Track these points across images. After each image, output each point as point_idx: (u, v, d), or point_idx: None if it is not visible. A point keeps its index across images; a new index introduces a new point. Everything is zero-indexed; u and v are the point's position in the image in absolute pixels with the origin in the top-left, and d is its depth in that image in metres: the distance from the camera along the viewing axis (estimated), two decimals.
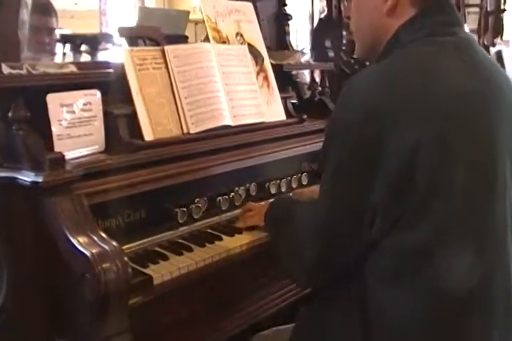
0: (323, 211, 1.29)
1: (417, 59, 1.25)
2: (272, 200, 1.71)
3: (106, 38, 2.38)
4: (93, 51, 2.24)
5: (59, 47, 2.50)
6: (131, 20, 9.55)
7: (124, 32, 1.94)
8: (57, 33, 2.72)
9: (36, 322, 1.35)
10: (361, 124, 1.18)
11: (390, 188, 1.17)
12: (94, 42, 2.23)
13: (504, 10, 4.55)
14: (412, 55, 1.26)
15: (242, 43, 2.13)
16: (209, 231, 1.69)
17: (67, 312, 1.30)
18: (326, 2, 2.85)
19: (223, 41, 2.07)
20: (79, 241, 1.24)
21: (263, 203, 1.75)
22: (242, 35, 2.16)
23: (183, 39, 2.35)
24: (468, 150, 1.20)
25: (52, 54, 2.60)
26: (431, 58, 1.25)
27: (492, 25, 4.41)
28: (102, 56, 2.32)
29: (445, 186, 1.18)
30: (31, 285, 1.35)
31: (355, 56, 2.91)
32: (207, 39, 2.07)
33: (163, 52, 1.81)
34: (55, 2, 2.81)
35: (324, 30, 2.71)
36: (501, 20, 4.56)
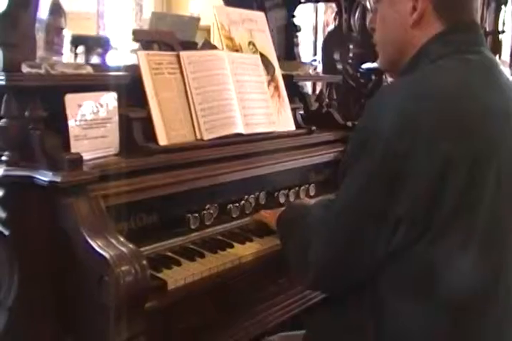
0: (341, 220, 1.28)
1: (451, 77, 1.26)
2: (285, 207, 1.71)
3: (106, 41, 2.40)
4: (103, 53, 2.25)
5: (68, 48, 2.49)
6: (128, 24, 9.62)
7: (139, 35, 1.93)
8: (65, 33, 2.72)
9: (47, 324, 1.33)
10: (394, 136, 1.17)
11: (417, 202, 1.17)
12: (105, 44, 2.24)
13: (503, 31, 4.61)
14: (445, 72, 1.27)
15: (254, 52, 2.14)
16: (220, 238, 1.69)
17: (80, 314, 1.29)
18: (334, 15, 2.87)
19: (236, 49, 2.08)
20: (97, 243, 1.23)
21: (278, 209, 1.74)
22: (254, 44, 2.16)
23: (193, 45, 2.35)
24: (498, 170, 1.21)
25: (60, 53, 2.59)
26: (463, 77, 1.26)
27: (490, 46, 4.46)
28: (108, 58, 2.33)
29: (473, 204, 1.18)
30: (44, 286, 1.34)
31: (361, 69, 2.94)
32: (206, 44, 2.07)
33: (178, 57, 1.81)
34: None
35: (333, 43, 2.73)
36: (499, 41, 4.62)
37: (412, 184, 1.16)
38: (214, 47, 2.09)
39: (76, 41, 2.40)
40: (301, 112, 2.29)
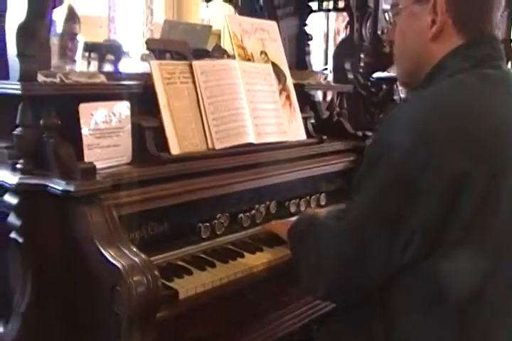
0: (353, 232, 1.29)
1: (468, 91, 1.26)
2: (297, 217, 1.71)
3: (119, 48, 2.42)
4: (116, 61, 2.27)
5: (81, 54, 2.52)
6: (139, 28, 9.66)
7: (152, 44, 1.95)
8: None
9: (60, 331, 1.35)
10: (411, 148, 1.17)
11: (431, 216, 1.17)
12: (118, 51, 2.26)
13: None
14: (463, 87, 1.27)
15: (266, 61, 2.15)
16: (231, 247, 1.69)
17: (93, 322, 1.30)
18: (345, 24, 2.88)
19: (248, 59, 2.09)
20: (110, 253, 1.24)
21: (290, 220, 1.75)
22: (266, 54, 2.18)
23: (205, 53, 2.37)
24: None
25: (73, 58, 2.62)
26: (481, 92, 1.26)
27: None
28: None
29: (487, 220, 1.18)
30: (56, 294, 1.36)
31: (372, 78, 2.94)
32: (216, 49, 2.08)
33: (190, 66, 1.82)
34: None
35: (344, 52, 2.74)
36: (511, 49, 4.61)
37: (427, 198, 1.16)
38: (224, 52, 2.11)
39: (89, 48, 2.42)
40: (312, 121, 2.30)
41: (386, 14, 2.68)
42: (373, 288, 1.30)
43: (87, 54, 2.30)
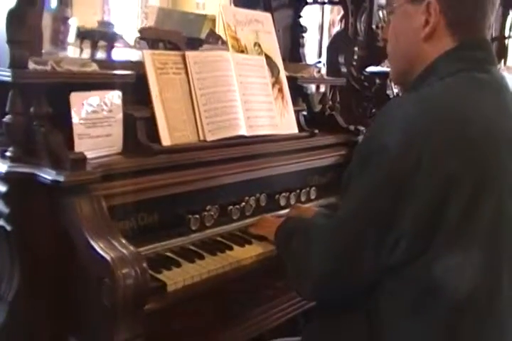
0: (342, 230, 1.28)
1: (459, 94, 1.25)
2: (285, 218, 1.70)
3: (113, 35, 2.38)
4: (109, 48, 2.24)
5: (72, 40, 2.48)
6: (134, 11, 9.56)
7: (146, 33, 1.94)
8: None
9: (48, 321, 1.34)
10: (401, 150, 1.17)
11: (419, 218, 1.17)
12: (111, 38, 2.23)
13: (509, 36, 4.61)
14: (454, 90, 1.26)
15: (259, 53, 2.14)
16: (220, 239, 1.69)
17: (80, 314, 1.29)
18: (340, 17, 2.87)
19: (241, 50, 2.08)
20: (99, 245, 1.24)
21: (279, 219, 1.74)
22: (259, 46, 2.16)
23: (199, 42, 2.35)
24: (500, 192, 1.21)
25: (65, 43, 2.58)
26: (472, 95, 1.25)
27: (496, 51, 4.46)
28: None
29: (474, 223, 1.18)
30: (44, 283, 1.35)
31: (365, 72, 2.94)
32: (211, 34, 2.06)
33: (183, 57, 1.81)
34: None
35: (338, 46, 2.74)
36: (505, 46, 4.62)
37: (416, 200, 1.16)
38: (219, 38, 2.09)
39: (82, 35, 2.39)
40: (305, 113, 2.29)
41: (380, 12, 2.68)
42: (361, 288, 1.30)
43: (80, 41, 2.27)
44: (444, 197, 1.15)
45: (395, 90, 2.95)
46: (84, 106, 1.52)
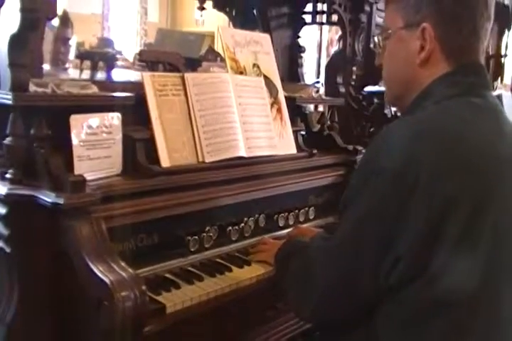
0: (340, 252, 1.30)
1: (455, 117, 1.27)
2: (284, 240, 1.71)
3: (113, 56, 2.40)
4: (109, 69, 2.25)
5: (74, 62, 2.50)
6: (133, 28, 9.66)
7: (145, 55, 1.95)
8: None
9: None
10: (398, 171, 1.19)
11: (417, 240, 1.18)
12: (111, 59, 2.25)
13: (505, 55, 4.66)
14: (449, 113, 1.28)
15: (258, 75, 2.16)
16: (219, 261, 1.70)
17: (79, 336, 1.29)
18: (339, 36, 2.90)
19: (240, 71, 2.10)
20: (98, 268, 1.24)
21: (278, 241, 1.75)
22: (258, 67, 2.18)
23: (198, 63, 2.37)
24: (498, 212, 1.22)
25: (65, 63, 2.60)
26: (467, 117, 1.27)
27: (492, 69, 4.51)
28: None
29: (473, 244, 1.19)
30: (43, 305, 1.35)
31: (363, 92, 2.96)
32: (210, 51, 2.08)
33: (183, 79, 1.83)
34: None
35: (336, 66, 2.76)
36: (501, 64, 4.67)
37: (414, 221, 1.17)
38: (218, 55, 2.10)
39: (82, 56, 2.41)
40: (303, 133, 2.30)
41: (377, 37, 2.70)
42: (360, 309, 1.30)
43: (79, 62, 2.28)
44: (442, 217, 1.16)
45: (393, 109, 2.97)
46: (83, 128, 1.53)
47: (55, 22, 2.54)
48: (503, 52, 4.68)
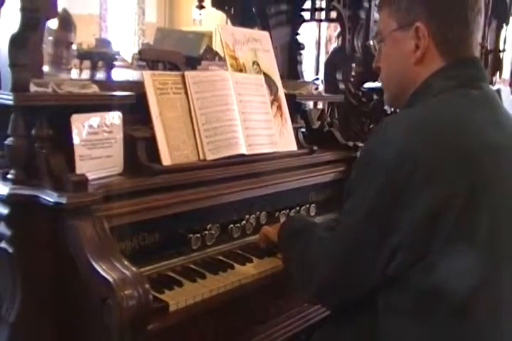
0: (341, 241, 1.32)
1: (453, 109, 1.29)
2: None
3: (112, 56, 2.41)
4: (109, 68, 2.26)
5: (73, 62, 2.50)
6: (131, 28, 9.66)
7: (145, 54, 1.96)
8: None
9: None
10: (397, 161, 1.21)
11: (415, 230, 1.20)
12: (110, 59, 2.25)
13: (504, 50, 4.66)
14: (447, 105, 1.30)
15: (258, 72, 2.16)
16: (221, 258, 1.70)
17: (83, 335, 1.30)
18: (337, 33, 2.90)
19: (240, 69, 2.10)
20: (101, 266, 1.24)
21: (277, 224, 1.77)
22: (258, 64, 2.18)
23: (197, 61, 2.37)
24: (495, 204, 1.23)
25: (68, 67, 2.60)
26: (465, 109, 1.29)
27: (491, 64, 4.51)
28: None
29: (470, 232, 1.21)
30: (46, 304, 1.36)
31: (363, 88, 2.96)
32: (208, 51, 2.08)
33: (183, 77, 1.83)
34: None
35: (336, 63, 2.76)
36: (500, 59, 4.67)
37: (411, 213, 1.19)
38: (216, 54, 2.11)
39: (81, 56, 2.41)
40: (303, 130, 2.31)
41: (372, 41, 2.71)
42: (361, 296, 1.33)
43: (79, 62, 2.29)
44: (438, 208, 1.18)
45: None
46: (84, 127, 1.53)
47: (54, 24, 2.54)
48: (501, 47, 4.68)
